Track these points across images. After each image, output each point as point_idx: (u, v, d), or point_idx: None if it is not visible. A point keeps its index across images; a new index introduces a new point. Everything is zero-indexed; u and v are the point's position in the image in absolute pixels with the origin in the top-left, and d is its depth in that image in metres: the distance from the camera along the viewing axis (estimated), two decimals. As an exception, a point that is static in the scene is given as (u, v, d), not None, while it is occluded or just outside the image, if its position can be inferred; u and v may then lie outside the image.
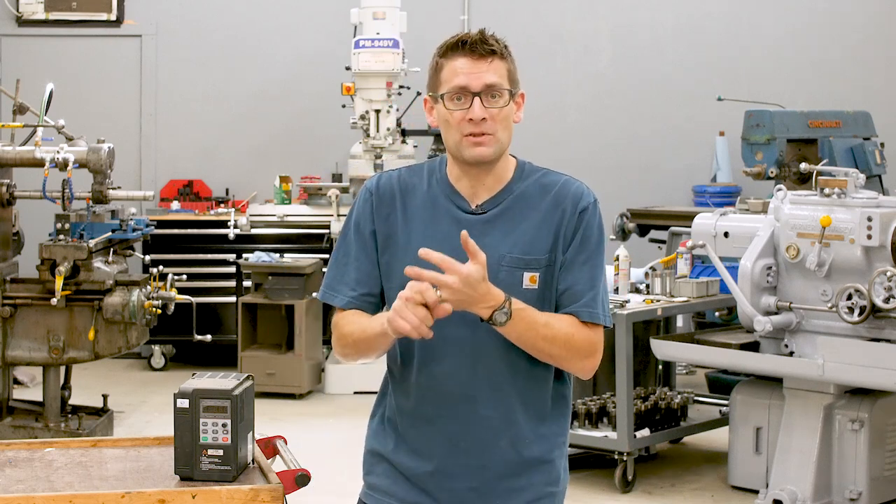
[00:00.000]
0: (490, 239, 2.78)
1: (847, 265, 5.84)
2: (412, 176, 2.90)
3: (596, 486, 6.62)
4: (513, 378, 2.81)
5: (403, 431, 2.88)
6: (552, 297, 2.82)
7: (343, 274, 2.89)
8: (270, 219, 9.45)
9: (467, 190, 2.85)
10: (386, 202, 2.87)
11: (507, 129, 2.80)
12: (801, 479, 5.99)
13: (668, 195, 9.90)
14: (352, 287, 2.87)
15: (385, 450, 2.90)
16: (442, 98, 2.80)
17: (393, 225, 2.86)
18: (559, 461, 2.91)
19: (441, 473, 2.83)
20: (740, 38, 10.18)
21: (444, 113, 2.80)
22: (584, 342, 2.80)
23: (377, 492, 2.91)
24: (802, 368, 5.92)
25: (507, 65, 2.82)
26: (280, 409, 8.17)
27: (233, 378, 2.84)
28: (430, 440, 2.84)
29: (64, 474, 2.84)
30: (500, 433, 2.82)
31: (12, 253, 7.38)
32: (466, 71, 2.77)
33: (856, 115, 8.63)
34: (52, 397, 7.20)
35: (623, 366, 6.41)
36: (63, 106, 7.89)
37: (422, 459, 2.85)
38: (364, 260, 2.87)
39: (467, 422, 2.82)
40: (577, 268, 2.81)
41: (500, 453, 2.83)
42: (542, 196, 2.85)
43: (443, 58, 2.81)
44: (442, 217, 2.84)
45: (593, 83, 10.28)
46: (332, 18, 9.84)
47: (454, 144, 2.81)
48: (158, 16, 10.28)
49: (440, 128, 2.84)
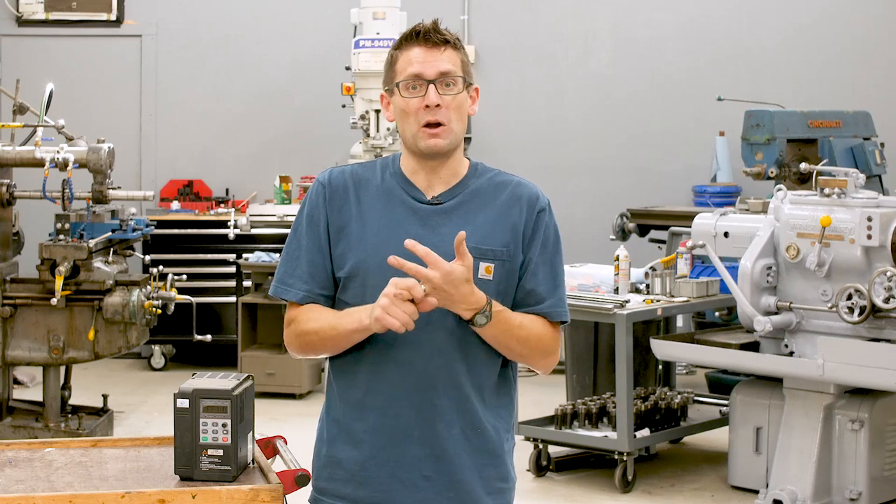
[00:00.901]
0: (446, 229, 2.81)
1: (847, 265, 5.84)
2: (365, 171, 2.93)
3: (596, 486, 6.62)
4: (467, 366, 2.82)
5: (349, 424, 2.86)
6: (511, 293, 2.85)
7: (295, 267, 2.88)
8: (270, 219, 9.45)
9: (423, 183, 2.87)
10: (339, 194, 2.88)
11: (461, 119, 2.85)
12: (801, 479, 5.99)
13: (668, 195, 9.89)
14: (304, 280, 2.87)
15: (330, 448, 2.89)
16: (398, 87, 2.82)
17: (346, 216, 2.86)
18: (508, 457, 2.93)
19: (391, 463, 2.82)
20: (740, 38, 10.17)
21: (401, 102, 2.83)
22: (551, 341, 2.89)
23: (327, 495, 2.89)
24: (802, 368, 5.92)
25: (460, 55, 2.87)
26: (280, 409, 8.17)
27: (233, 378, 2.84)
28: (378, 431, 2.83)
29: (64, 474, 2.84)
30: (453, 422, 2.82)
31: (12, 253, 7.37)
32: (421, 59, 2.81)
33: (856, 115, 8.63)
34: (52, 397, 7.20)
35: (623, 366, 6.41)
36: (63, 106, 7.89)
37: (369, 451, 2.83)
38: (316, 253, 2.87)
39: (421, 410, 2.81)
40: (541, 269, 2.87)
41: (454, 443, 2.82)
42: (497, 193, 2.89)
43: (397, 50, 2.86)
44: (396, 206, 2.85)
45: (593, 83, 10.27)
46: (332, 18, 9.84)
47: (411, 136, 2.83)
48: (158, 16, 10.28)
49: (397, 120, 2.87)
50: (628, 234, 8.82)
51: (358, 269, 2.82)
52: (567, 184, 9.69)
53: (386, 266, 2.72)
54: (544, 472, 6.79)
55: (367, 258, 2.82)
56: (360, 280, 2.83)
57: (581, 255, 7.85)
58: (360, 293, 2.82)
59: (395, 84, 2.83)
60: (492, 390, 2.88)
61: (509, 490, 2.93)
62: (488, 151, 8.96)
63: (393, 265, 2.67)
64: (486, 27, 10.21)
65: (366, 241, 2.82)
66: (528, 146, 9.96)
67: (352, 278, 2.84)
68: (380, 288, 2.71)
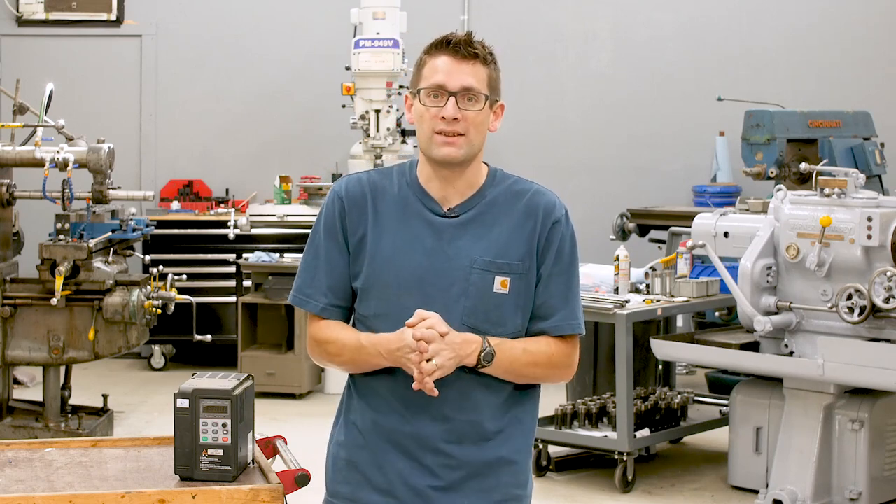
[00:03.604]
0: (462, 242, 2.81)
1: (847, 265, 5.84)
2: (382, 178, 2.90)
3: (596, 486, 6.62)
4: (481, 378, 2.82)
5: (367, 433, 2.87)
6: (527, 307, 2.85)
7: (313, 278, 2.88)
8: (270, 219, 9.45)
9: (438, 192, 2.85)
10: (356, 205, 2.86)
11: (479, 133, 2.83)
12: (801, 479, 5.99)
13: (668, 195, 9.89)
14: (324, 293, 2.88)
15: (349, 454, 2.89)
16: (419, 94, 2.81)
17: (363, 228, 2.85)
18: (525, 463, 2.94)
19: (408, 472, 2.83)
20: (740, 38, 10.17)
21: (420, 108, 2.81)
22: (563, 356, 2.88)
23: (339, 499, 2.91)
24: (802, 368, 5.92)
25: (488, 71, 2.83)
26: (280, 409, 8.17)
27: (233, 378, 2.84)
28: (398, 441, 2.83)
29: (64, 474, 2.84)
30: (467, 433, 2.83)
31: (12, 253, 7.37)
32: (446, 70, 2.78)
33: (856, 115, 8.63)
34: (52, 397, 7.20)
35: (623, 366, 6.41)
36: (63, 106, 7.88)
37: (388, 460, 2.84)
38: (334, 264, 2.87)
39: (435, 421, 2.82)
40: (554, 281, 2.86)
41: (469, 452, 2.83)
42: (514, 203, 2.87)
43: (427, 55, 2.84)
44: (412, 218, 2.83)
45: (593, 83, 10.27)
46: (332, 18, 9.84)
47: (425, 141, 2.82)
48: (158, 16, 10.28)
49: (415, 124, 2.85)
50: (628, 234, 8.82)
51: (373, 283, 2.82)
52: (567, 184, 9.68)
53: (400, 281, 2.75)
54: (544, 472, 6.79)
55: (382, 273, 2.82)
56: (376, 293, 2.83)
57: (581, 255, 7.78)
58: (374, 306, 2.83)
59: (418, 90, 2.81)
60: (508, 399, 2.88)
61: (527, 497, 2.95)
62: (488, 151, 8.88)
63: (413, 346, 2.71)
64: (486, 27, 10.14)
65: (382, 255, 2.82)
66: (528, 146, 9.96)
67: (367, 290, 2.84)
68: (393, 302, 2.75)
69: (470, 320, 2.80)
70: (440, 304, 2.78)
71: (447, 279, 2.80)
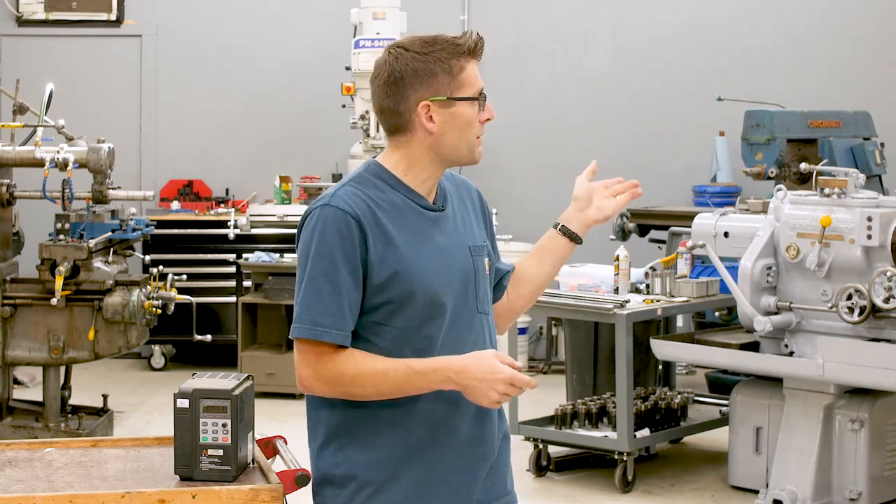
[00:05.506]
0: (456, 233, 2.85)
1: (847, 265, 5.84)
2: (367, 188, 2.76)
3: (596, 486, 6.62)
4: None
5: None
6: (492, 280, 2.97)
7: (331, 306, 2.67)
8: (270, 219, 9.45)
9: (423, 190, 2.83)
10: (370, 223, 2.71)
11: None
12: (801, 479, 5.99)
13: (668, 195, 9.89)
14: (345, 321, 2.69)
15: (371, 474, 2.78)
16: (455, 101, 2.76)
17: (381, 243, 2.71)
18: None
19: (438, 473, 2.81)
20: (740, 38, 10.17)
21: (469, 115, 2.78)
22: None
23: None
24: (802, 368, 5.92)
25: None
26: (280, 409, 8.17)
27: (233, 378, 2.84)
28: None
29: (64, 474, 2.84)
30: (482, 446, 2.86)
31: (12, 253, 7.38)
32: (476, 73, 2.82)
33: (856, 115, 8.62)
34: (52, 397, 7.20)
35: (623, 366, 6.41)
36: (63, 106, 7.89)
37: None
38: (353, 291, 2.69)
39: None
40: (494, 246, 3.00)
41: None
42: (456, 188, 2.95)
43: (458, 60, 2.77)
44: (417, 221, 2.79)
45: (593, 83, 10.27)
46: (332, 18, 9.84)
47: (467, 146, 2.81)
48: (158, 16, 10.28)
49: (447, 131, 2.77)
50: (628, 234, 8.81)
51: (412, 293, 2.71)
52: (567, 184, 9.61)
53: (438, 286, 2.73)
54: (544, 472, 6.79)
55: (421, 280, 2.72)
56: (413, 303, 2.71)
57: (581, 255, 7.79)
58: (409, 315, 2.72)
59: (469, 97, 2.77)
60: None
61: (514, 499, 2.99)
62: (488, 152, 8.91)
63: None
64: (486, 27, 10.12)
65: (414, 264, 2.72)
66: (528, 146, 9.96)
67: (401, 303, 2.71)
68: (430, 307, 2.72)
69: (482, 306, 2.85)
70: (470, 299, 2.81)
71: (463, 271, 2.82)
